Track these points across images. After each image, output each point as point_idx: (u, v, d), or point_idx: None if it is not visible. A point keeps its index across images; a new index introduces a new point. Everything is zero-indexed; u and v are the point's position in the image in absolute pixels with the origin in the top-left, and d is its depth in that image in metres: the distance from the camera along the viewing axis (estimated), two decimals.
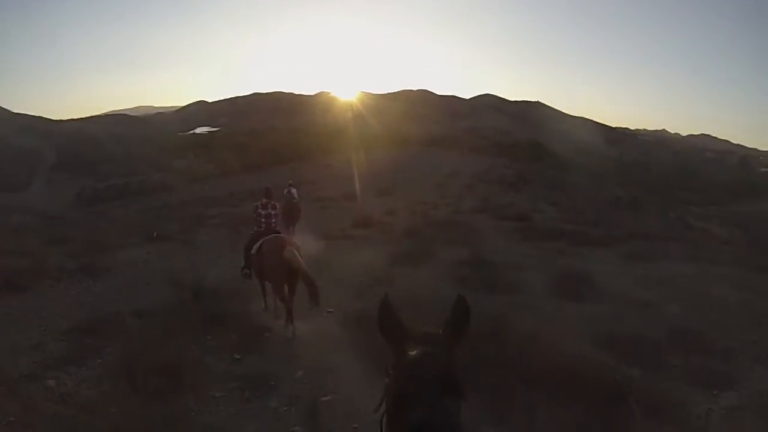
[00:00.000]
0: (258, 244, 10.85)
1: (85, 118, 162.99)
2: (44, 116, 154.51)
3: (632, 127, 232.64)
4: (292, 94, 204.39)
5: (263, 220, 11.28)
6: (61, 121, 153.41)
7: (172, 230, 24.23)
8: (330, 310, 11.23)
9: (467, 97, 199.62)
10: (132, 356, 8.40)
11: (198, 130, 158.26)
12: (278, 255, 9.97)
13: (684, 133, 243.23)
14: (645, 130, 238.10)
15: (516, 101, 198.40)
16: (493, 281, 12.52)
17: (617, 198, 56.92)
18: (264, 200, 11.48)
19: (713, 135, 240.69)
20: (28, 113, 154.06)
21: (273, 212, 11.39)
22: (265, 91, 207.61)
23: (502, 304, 10.33)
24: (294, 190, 22.15)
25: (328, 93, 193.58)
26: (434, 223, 24.75)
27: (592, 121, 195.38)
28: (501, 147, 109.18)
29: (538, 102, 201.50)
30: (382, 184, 45.65)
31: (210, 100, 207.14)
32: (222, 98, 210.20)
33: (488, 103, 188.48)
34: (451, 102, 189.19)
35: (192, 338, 9.62)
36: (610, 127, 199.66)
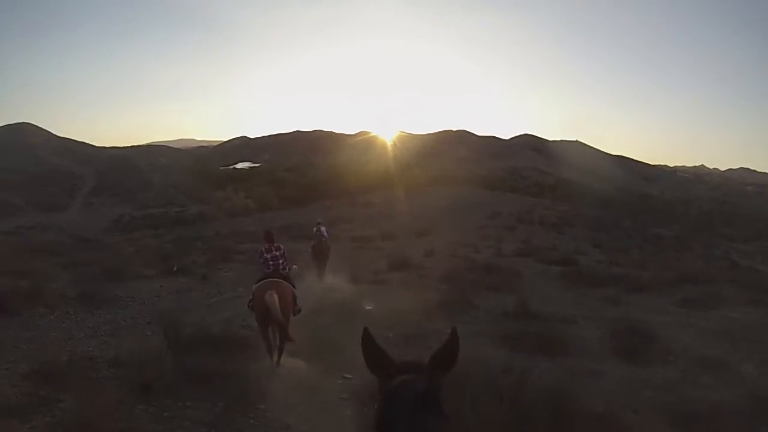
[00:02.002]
0: (256, 284, 10.76)
1: (128, 146, 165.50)
2: (87, 141, 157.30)
3: (670, 164, 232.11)
4: (332, 132, 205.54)
5: (271, 262, 11.12)
6: (103, 147, 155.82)
7: (196, 264, 23.53)
8: (348, 376, 9.71)
9: (506, 138, 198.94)
10: (83, 419, 7.06)
11: (239, 165, 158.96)
12: (260, 297, 10.08)
13: (722, 168, 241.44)
14: (683, 166, 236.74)
15: (554, 140, 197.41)
16: (543, 339, 11.14)
17: (660, 237, 55.30)
18: (267, 244, 11.28)
19: (752, 168, 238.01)
20: (71, 137, 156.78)
21: (278, 254, 11.19)
22: (306, 129, 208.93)
23: (558, 371, 9.09)
24: (324, 229, 20.98)
25: (369, 132, 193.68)
26: (475, 267, 23.40)
27: (630, 158, 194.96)
28: (541, 187, 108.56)
29: (576, 141, 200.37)
30: (420, 225, 44.21)
31: (252, 136, 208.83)
32: (264, 134, 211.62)
33: (527, 142, 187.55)
34: (491, 142, 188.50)
35: (167, 402, 8.16)
36: (648, 164, 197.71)
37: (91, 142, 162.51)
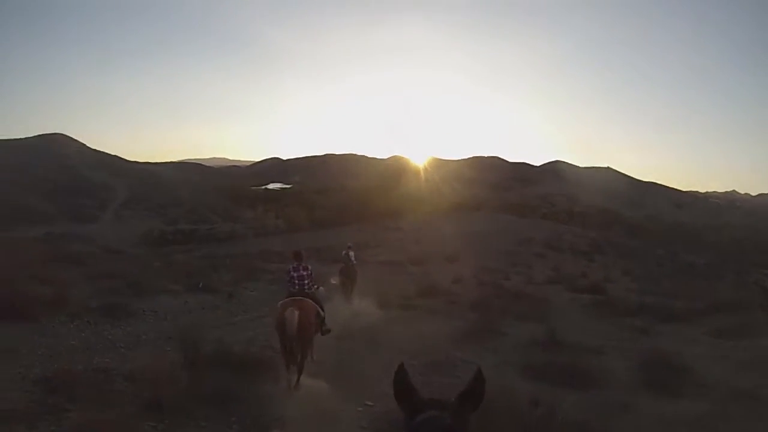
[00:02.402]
0: (281, 302, 10.86)
1: (161, 162, 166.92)
2: (120, 156, 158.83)
3: (702, 190, 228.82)
4: (364, 156, 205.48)
5: (297, 281, 11.22)
6: (136, 162, 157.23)
7: (223, 281, 23.34)
8: (369, 403, 9.45)
9: (537, 164, 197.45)
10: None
11: (270, 186, 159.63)
12: (281, 314, 10.14)
13: (754, 193, 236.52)
14: (715, 192, 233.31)
15: (584, 167, 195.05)
16: (572, 371, 10.82)
17: (691, 265, 54.43)
18: (296, 263, 11.38)
19: None
20: (104, 150, 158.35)
21: (305, 273, 11.28)
22: (338, 153, 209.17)
23: (587, 404, 8.84)
24: (352, 253, 20.81)
25: (400, 157, 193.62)
26: (504, 294, 23.29)
27: (661, 185, 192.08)
28: (571, 214, 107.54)
29: (607, 168, 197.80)
30: (450, 250, 43.92)
31: (284, 157, 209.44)
32: (296, 156, 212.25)
33: (558, 169, 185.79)
34: (522, 168, 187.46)
35: (179, 421, 7.93)
36: (680, 190, 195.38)
37: (124, 157, 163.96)
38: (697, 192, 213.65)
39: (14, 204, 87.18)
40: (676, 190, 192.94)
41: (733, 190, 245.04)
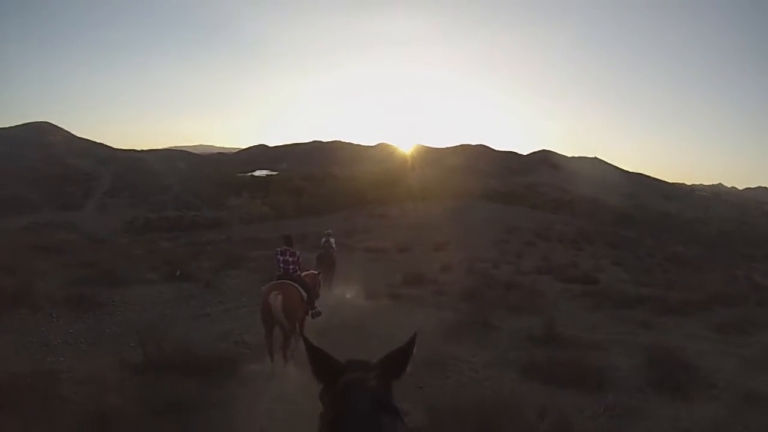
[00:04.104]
0: (264, 286, 10.99)
1: (146, 150, 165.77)
2: (105, 143, 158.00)
3: (688, 182, 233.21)
4: (351, 143, 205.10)
5: (282, 265, 11.30)
6: (121, 149, 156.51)
7: (203, 269, 22.42)
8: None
9: (524, 153, 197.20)
10: None
11: (257, 173, 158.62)
12: (265, 298, 10.22)
13: (740, 187, 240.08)
14: (701, 184, 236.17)
15: (573, 157, 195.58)
16: (576, 370, 9.95)
17: (681, 256, 53.92)
18: (284, 247, 11.50)
19: None
20: (89, 138, 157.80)
21: (291, 259, 11.37)
22: (325, 140, 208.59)
23: (596, 411, 8.16)
24: (333, 240, 20.23)
25: (387, 144, 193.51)
26: (495, 284, 22.56)
27: (648, 176, 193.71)
28: (559, 203, 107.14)
29: (595, 158, 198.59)
30: (437, 238, 43.41)
31: (271, 144, 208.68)
32: (283, 143, 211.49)
33: (545, 158, 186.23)
34: (509, 157, 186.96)
35: None
36: (666, 182, 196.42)
37: (110, 144, 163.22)
38: (683, 184, 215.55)
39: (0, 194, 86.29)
40: (663, 181, 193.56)
41: (720, 183, 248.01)
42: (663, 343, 12.70)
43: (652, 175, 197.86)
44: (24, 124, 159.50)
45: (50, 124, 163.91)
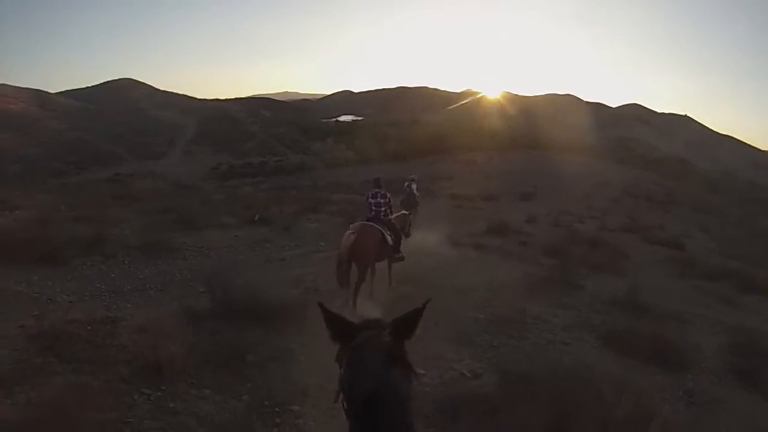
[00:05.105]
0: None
1: (230, 98, 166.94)
2: (188, 95, 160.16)
3: None
4: (437, 89, 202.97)
5: (373, 208, 11.50)
6: (205, 100, 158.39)
7: (283, 214, 22.50)
8: (420, 371, 7.17)
9: (613, 106, 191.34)
10: (64, 403, 5.59)
11: (342, 118, 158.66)
12: (345, 237, 10.30)
13: None
14: None
15: (663, 113, 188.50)
16: (658, 345, 9.39)
17: None
18: (375, 190, 11.67)
19: None
20: (173, 91, 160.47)
21: (382, 201, 11.52)
22: (411, 86, 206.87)
23: (674, 395, 8.00)
24: (414, 186, 20.04)
25: (474, 91, 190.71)
26: (579, 240, 22.04)
27: (739, 141, 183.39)
28: (647, 161, 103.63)
29: (685, 116, 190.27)
30: (523, 188, 43.15)
31: (356, 90, 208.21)
32: (368, 89, 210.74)
33: (635, 113, 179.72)
34: (598, 109, 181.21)
35: (179, 389, 6.63)
36: (758, 149, 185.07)
37: (193, 95, 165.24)
38: None
39: (87, 149, 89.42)
40: (755, 148, 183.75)
41: None
42: (747, 325, 12.18)
43: (744, 140, 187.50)
44: (106, 82, 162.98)
45: (132, 80, 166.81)
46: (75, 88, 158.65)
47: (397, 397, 2.08)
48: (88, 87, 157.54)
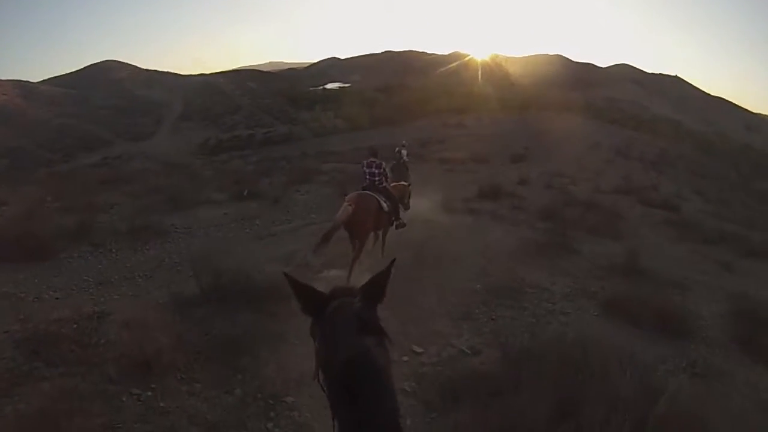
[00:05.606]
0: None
1: (215, 72, 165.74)
2: (172, 71, 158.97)
3: None
4: (425, 52, 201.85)
5: (368, 177, 11.59)
6: (190, 75, 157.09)
7: (273, 186, 22.48)
8: (417, 350, 7.82)
9: (603, 65, 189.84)
10: (51, 411, 5.45)
11: (329, 86, 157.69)
12: (342, 209, 10.15)
13: None
14: None
15: (653, 73, 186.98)
16: (657, 312, 9.24)
17: (764, 193, 51.45)
18: (370, 159, 11.73)
19: None
20: (156, 69, 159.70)
21: (376, 171, 11.58)
22: (398, 50, 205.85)
23: (677, 365, 7.88)
24: (405, 152, 20.05)
25: (462, 53, 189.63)
26: (574, 202, 22.00)
27: (731, 103, 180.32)
28: (639, 121, 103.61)
29: (677, 77, 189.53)
30: (514, 150, 42.91)
31: (342, 57, 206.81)
32: (354, 55, 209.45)
33: (625, 73, 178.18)
34: (587, 69, 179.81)
35: (170, 386, 6.44)
36: (751, 112, 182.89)
37: (178, 72, 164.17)
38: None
39: (73, 135, 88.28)
40: (746, 110, 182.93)
41: None
42: (747, 291, 11.93)
43: (735, 102, 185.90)
44: (89, 66, 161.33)
45: (115, 61, 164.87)
46: (58, 74, 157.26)
47: (373, 364, 2.05)
48: (71, 72, 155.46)
